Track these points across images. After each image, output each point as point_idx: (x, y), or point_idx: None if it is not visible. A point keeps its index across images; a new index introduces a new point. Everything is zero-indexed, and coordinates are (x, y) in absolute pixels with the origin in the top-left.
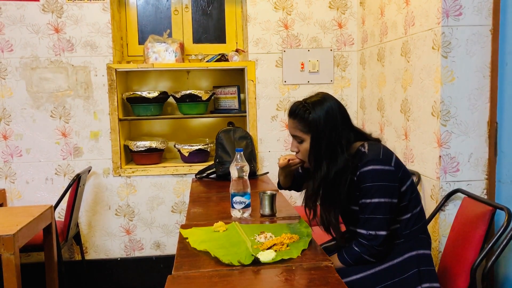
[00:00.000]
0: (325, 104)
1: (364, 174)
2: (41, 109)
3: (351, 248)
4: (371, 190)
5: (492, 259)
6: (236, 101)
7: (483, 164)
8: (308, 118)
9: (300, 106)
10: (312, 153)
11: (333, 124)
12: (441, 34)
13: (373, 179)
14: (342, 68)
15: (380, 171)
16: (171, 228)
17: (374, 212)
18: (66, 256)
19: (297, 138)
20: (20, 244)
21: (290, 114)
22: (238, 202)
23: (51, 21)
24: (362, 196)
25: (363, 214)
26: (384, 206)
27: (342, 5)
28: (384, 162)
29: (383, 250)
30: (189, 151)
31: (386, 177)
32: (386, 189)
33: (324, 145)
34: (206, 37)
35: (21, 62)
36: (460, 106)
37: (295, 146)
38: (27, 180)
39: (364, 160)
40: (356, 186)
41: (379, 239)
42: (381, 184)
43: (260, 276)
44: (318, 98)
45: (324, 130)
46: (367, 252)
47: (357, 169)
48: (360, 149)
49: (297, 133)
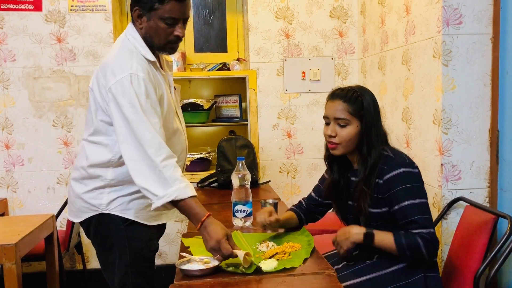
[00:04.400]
0: (370, 93)
1: (397, 177)
2: (43, 118)
3: (412, 235)
4: (411, 190)
5: (495, 268)
6: (237, 109)
7: (485, 172)
8: (361, 102)
9: (348, 90)
10: (365, 139)
11: (379, 114)
12: (442, 43)
13: (410, 181)
14: (343, 76)
15: (414, 174)
16: (172, 237)
17: (424, 212)
18: (67, 265)
19: (341, 121)
20: (21, 253)
21: (337, 96)
22: (240, 211)
23: (54, 31)
24: (400, 198)
25: (412, 216)
26: (427, 205)
27: (343, 14)
28: (413, 166)
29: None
30: (191, 160)
31: (419, 179)
32: (421, 190)
33: (375, 133)
34: (207, 47)
35: (23, 71)
36: (461, 114)
37: (333, 130)
38: (29, 189)
39: (392, 163)
40: (379, 189)
41: (436, 237)
42: (417, 186)
43: (262, 285)
44: (361, 87)
45: (373, 118)
46: (429, 249)
47: (383, 172)
48: (383, 153)
49: (345, 115)
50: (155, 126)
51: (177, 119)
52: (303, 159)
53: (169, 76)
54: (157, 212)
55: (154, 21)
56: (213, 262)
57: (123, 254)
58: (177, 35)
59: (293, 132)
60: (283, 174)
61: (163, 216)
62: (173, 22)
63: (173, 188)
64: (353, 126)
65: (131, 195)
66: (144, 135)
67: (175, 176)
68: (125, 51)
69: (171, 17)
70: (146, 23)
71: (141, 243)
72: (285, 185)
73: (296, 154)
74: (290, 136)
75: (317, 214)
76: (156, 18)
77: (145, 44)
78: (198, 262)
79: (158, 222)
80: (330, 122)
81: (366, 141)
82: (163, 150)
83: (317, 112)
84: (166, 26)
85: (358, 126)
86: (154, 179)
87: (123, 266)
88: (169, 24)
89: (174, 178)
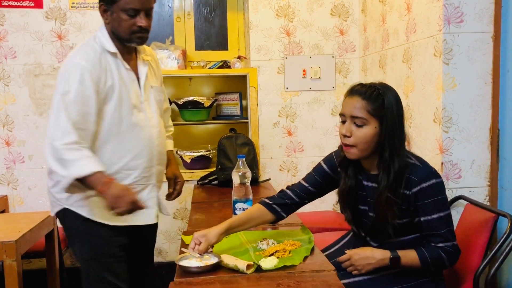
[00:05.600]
0: (393, 92)
1: (427, 189)
2: (44, 115)
3: (435, 250)
4: (440, 203)
5: (495, 266)
6: (238, 107)
7: (485, 171)
8: (382, 101)
9: (369, 87)
10: (386, 143)
11: (402, 116)
12: (443, 41)
13: (439, 193)
14: (344, 74)
15: (441, 185)
16: (172, 235)
17: (449, 224)
18: (68, 262)
19: (358, 120)
20: (22, 250)
21: (356, 92)
22: (240, 209)
23: (55, 28)
24: (429, 211)
25: (438, 229)
26: (451, 217)
27: (344, 12)
28: (438, 175)
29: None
30: (191, 158)
31: (444, 189)
32: (447, 201)
33: (397, 137)
34: (208, 44)
35: (24, 69)
36: (462, 112)
37: (348, 129)
38: (29, 186)
39: (422, 174)
40: (406, 200)
41: (458, 249)
42: (445, 197)
43: (262, 282)
44: (384, 84)
45: (395, 120)
46: (452, 262)
47: (412, 183)
48: (408, 161)
49: (362, 114)
50: (75, 112)
51: (141, 115)
52: (304, 157)
53: (141, 71)
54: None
55: (117, 13)
56: (213, 259)
57: (83, 248)
58: (139, 26)
59: (293, 130)
60: (283, 172)
61: (129, 217)
62: (135, 13)
63: (74, 167)
64: (371, 127)
65: (86, 191)
66: (54, 120)
67: (76, 157)
68: (81, 45)
69: (132, 8)
70: (111, 17)
71: (101, 240)
72: (285, 183)
73: (296, 152)
74: (290, 134)
75: (306, 200)
76: (118, 11)
77: (111, 37)
78: (197, 259)
79: (121, 223)
80: (346, 120)
81: (388, 145)
82: (70, 136)
83: (317, 110)
84: (128, 18)
85: (376, 128)
86: (58, 161)
87: (84, 260)
88: (131, 15)
89: (75, 158)
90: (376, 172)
